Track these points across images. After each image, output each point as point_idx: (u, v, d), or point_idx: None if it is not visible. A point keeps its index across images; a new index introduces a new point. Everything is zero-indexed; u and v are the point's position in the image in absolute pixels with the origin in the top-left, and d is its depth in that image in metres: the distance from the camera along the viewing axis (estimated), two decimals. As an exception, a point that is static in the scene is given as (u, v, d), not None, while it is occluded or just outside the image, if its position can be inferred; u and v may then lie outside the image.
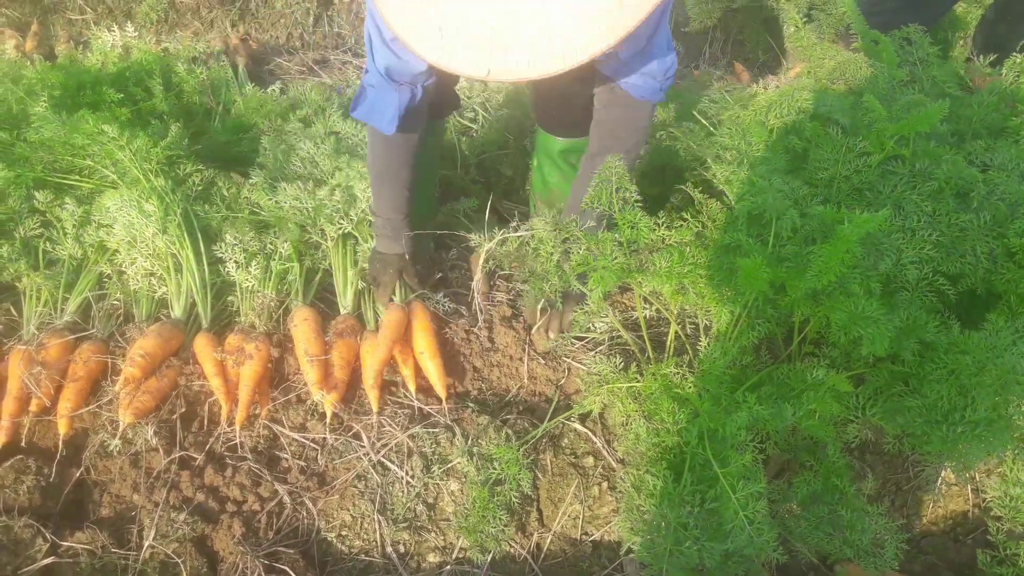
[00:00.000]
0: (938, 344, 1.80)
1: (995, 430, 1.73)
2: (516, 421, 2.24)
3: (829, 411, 1.75)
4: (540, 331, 2.45)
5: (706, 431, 1.83)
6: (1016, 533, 2.02)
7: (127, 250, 2.41)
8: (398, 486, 2.10)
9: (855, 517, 1.86)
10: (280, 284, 2.42)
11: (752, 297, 1.90)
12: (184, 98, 3.26)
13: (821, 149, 2.21)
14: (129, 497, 2.04)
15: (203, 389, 2.25)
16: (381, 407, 2.23)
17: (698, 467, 1.81)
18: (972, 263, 1.94)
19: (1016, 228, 1.92)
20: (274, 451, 2.17)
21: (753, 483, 1.68)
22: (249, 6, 4.54)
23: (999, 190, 2.04)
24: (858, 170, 2.14)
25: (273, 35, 4.52)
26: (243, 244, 2.43)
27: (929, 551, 2.16)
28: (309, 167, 2.68)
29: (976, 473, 2.23)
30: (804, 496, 1.90)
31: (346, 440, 2.18)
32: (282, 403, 2.24)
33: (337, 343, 2.25)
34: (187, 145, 2.77)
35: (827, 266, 1.70)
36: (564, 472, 2.17)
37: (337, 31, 4.60)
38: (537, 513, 2.13)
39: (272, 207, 2.52)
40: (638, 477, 1.86)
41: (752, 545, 1.65)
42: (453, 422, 2.21)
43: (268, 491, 2.07)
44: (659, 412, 1.92)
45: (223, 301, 2.45)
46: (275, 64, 4.21)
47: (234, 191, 2.66)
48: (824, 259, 1.71)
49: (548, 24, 1.36)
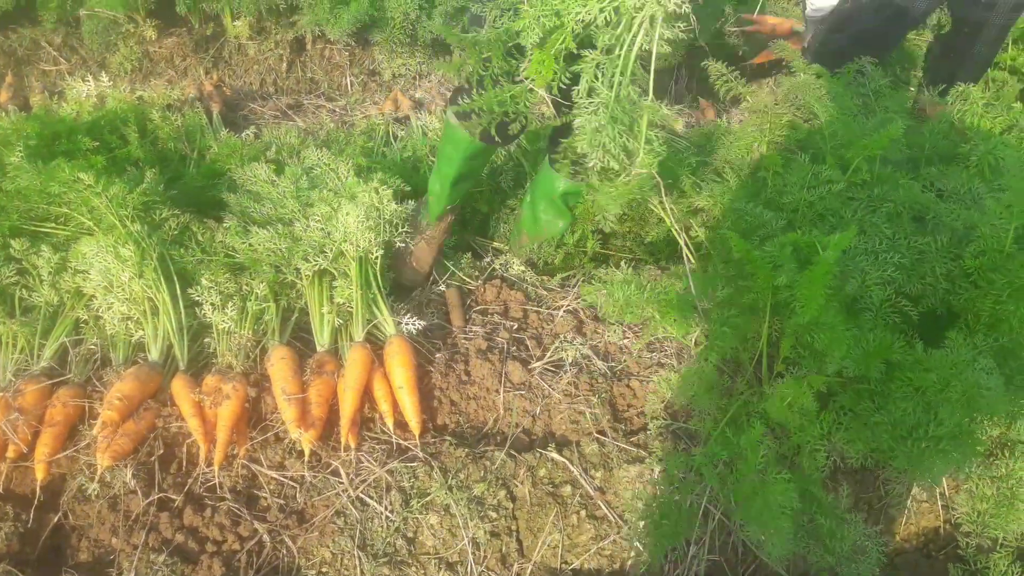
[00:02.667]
0: (904, 363, 1.86)
1: (958, 444, 1.79)
2: (494, 453, 2.27)
3: (806, 403, 1.81)
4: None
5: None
6: (985, 547, 2.07)
7: (103, 295, 2.42)
8: (377, 521, 2.12)
9: (835, 525, 1.90)
10: (256, 324, 2.45)
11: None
12: (159, 144, 3.31)
13: (789, 174, 2.29)
14: (108, 541, 2.04)
15: (181, 430, 2.26)
16: (359, 443, 2.25)
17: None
18: (932, 284, 2.02)
19: (971, 250, 2.00)
20: (253, 490, 2.18)
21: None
22: (223, 53, 4.61)
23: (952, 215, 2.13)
24: (822, 197, 2.22)
25: (247, 81, 4.59)
26: (219, 286, 2.45)
27: (903, 568, 2.21)
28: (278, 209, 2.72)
29: (946, 490, 2.28)
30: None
31: (324, 477, 2.19)
32: (260, 442, 2.25)
33: (314, 381, 2.28)
34: (163, 190, 2.80)
35: (812, 295, 1.77)
36: (543, 502, 2.19)
37: (310, 76, 4.68)
38: (517, 543, 2.15)
39: (246, 249, 2.55)
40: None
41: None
42: (431, 456, 2.24)
43: (248, 530, 2.08)
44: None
45: (200, 343, 2.47)
46: (249, 109, 4.27)
47: (209, 235, 2.69)
48: (807, 288, 1.77)
49: None
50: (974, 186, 2.23)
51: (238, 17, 4.52)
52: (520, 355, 2.56)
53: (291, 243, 2.52)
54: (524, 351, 2.59)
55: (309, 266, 2.47)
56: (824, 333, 1.80)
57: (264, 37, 4.62)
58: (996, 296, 1.88)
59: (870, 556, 1.88)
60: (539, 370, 2.52)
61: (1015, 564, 1.96)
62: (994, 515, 2.02)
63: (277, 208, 2.72)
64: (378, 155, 3.48)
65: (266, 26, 4.61)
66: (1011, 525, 1.98)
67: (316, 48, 4.69)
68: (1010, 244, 1.92)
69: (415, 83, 4.68)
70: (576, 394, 2.44)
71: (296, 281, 2.54)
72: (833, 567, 1.90)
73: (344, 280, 2.50)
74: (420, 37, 4.50)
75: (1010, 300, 1.86)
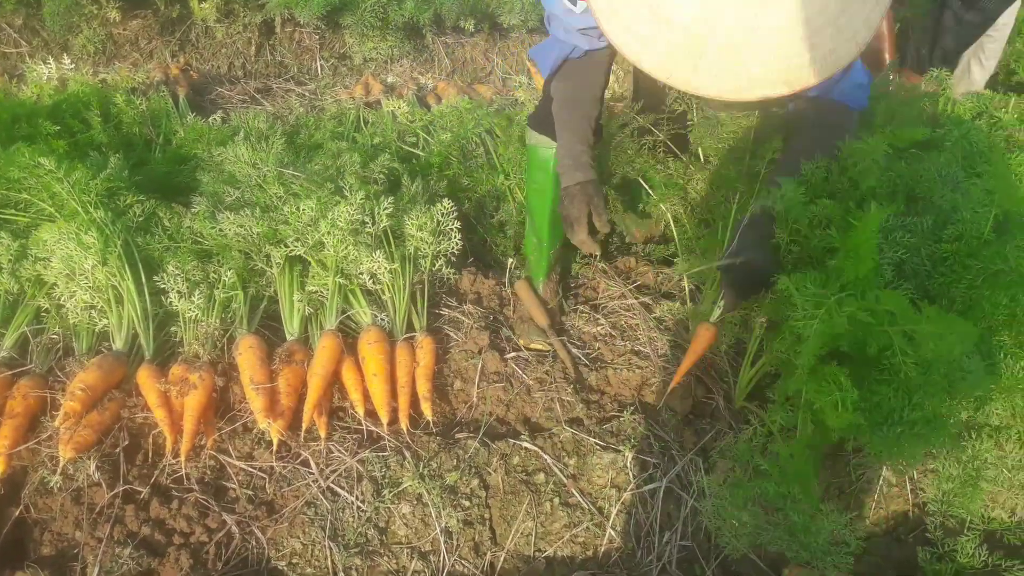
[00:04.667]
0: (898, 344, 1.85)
1: (933, 428, 1.80)
2: (467, 442, 2.25)
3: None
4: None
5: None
6: (952, 529, 2.09)
7: (66, 283, 2.36)
8: (348, 511, 2.09)
9: (807, 520, 1.90)
10: (224, 312, 2.40)
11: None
12: (123, 129, 3.23)
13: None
14: (71, 534, 1.99)
15: (147, 421, 2.21)
16: (329, 433, 2.22)
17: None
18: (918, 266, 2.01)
19: (948, 234, 2.00)
20: (221, 481, 2.15)
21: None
22: (189, 36, 4.53)
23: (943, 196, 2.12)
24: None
25: (215, 65, 4.51)
26: (186, 274, 2.40)
27: (873, 551, 2.22)
28: (257, 193, 2.67)
29: (915, 474, 2.30)
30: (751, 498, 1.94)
31: (294, 467, 2.16)
32: (228, 432, 2.21)
33: (283, 370, 2.24)
34: (127, 176, 2.74)
35: (862, 255, 1.75)
36: (516, 490, 2.18)
37: (279, 60, 4.61)
38: (490, 532, 2.13)
39: (215, 235, 2.50)
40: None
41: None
42: (403, 445, 2.21)
43: (216, 522, 2.04)
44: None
45: (166, 332, 2.41)
46: (216, 93, 4.20)
47: (176, 221, 2.63)
48: (854, 250, 1.75)
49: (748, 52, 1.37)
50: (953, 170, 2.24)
51: None
52: (496, 344, 2.54)
53: (269, 228, 2.47)
54: (500, 340, 2.57)
55: (282, 252, 2.42)
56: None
57: (232, 20, 4.54)
58: (971, 281, 1.88)
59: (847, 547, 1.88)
60: (514, 359, 2.50)
61: (982, 547, 1.98)
62: (959, 495, 2.03)
63: (256, 192, 2.67)
64: (348, 140, 3.43)
65: (234, 8, 4.53)
66: (974, 505, 1.99)
67: (285, 31, 4.62)
68: (988, 231, 1.93)
69: (387, 67, 4.63)
70: (550, 382, 2.43)
71: (266, 268, 2.49)
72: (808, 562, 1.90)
73: (321, 268, 2.46)
74: (392, 21, 4.45)
75: (984, 286, 1.87)
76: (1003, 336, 1.94)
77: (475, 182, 3.20)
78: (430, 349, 2.40)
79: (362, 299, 2.46)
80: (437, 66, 4.75)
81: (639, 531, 2.15)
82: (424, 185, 2.90)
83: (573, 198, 2.33)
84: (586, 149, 2.33)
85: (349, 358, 2.32)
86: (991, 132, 2.50)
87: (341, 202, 2.48)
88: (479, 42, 4.87)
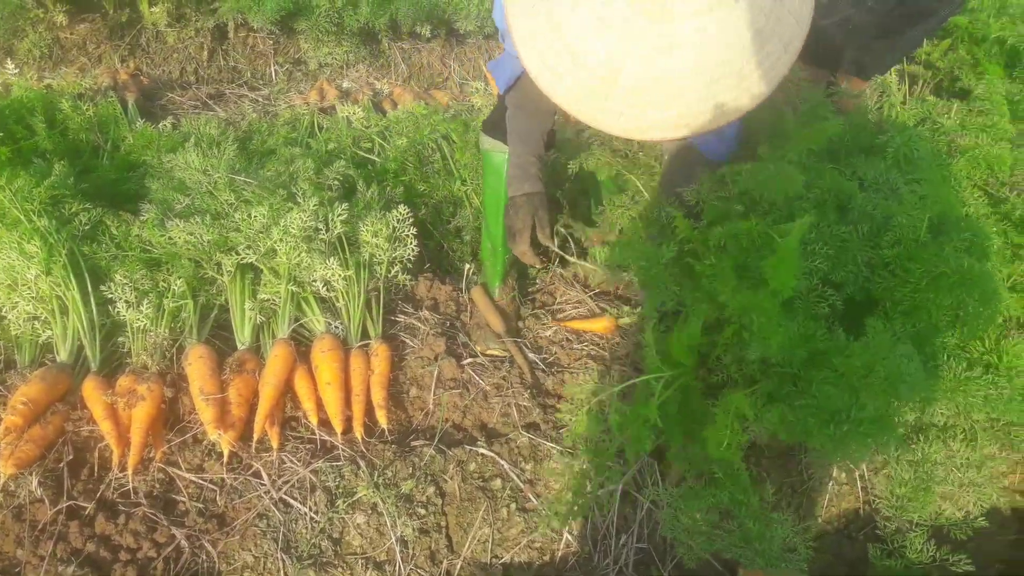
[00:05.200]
0: (827, 350, 1.89)
1: (878, 428, 1.83)
2: (423, 449, 2.24)
3: (736, 439, 1.82)
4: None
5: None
6: (902, 528, 2.13)
7: (7, 294, 2.30)
8: (302, 523, 2.06)
9: (761, 527, 1.92)
10: (173, 322, 2.36)
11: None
12: (70, 136, 3.16)
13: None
14: (12, 552, 1.93)
15: (93, 435, 2.16)
16: (282, 443, 2.19)
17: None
18: (854, 272, 2.05)
19: (887, 239, 2.04)
20: (170, 494, 2.10)
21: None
22: (140, 41, 4.44)
23: (872, 204, 2.16)
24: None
25: (166, 70, 4.43)
26: (134, 283, 2.35)
27: (825, 549, 2.25)
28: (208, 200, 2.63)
29: (865, 472, 2.34)
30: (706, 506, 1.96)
31: (246, 479, 2.12)
32: (178, 444, 2.17)
33: (234, 380, 2.20)
34: (73, 183, 2.68)
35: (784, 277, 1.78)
36: (472, 497, 2.17)
37: (233, 65, 4.55)
38: (446, 540, 2.12)
39: (164, 243, 2.45)
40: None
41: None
42: (357, 454, 2.19)
43: (165, 536, 2.00)
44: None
45: (113, 342, 2.36)
46: (167, 99, 4.12)
47: (124, 229, 2.57)
48: (777, 271, 1.78)
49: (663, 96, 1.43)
50: (891, 176, 2.28)
51: (155, 3, 4.35)
52: (453, 350, 2.53)
53: (219, 236, 2.43)
54: (457, 346, 2.56)
55: (233, 260, 2.38)
56: (760, 317, 1.81)
57: (184, 24, 4.46)
58: (914, 285, 1.92)
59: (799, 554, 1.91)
60: (471, 364, 2.50)
61: (930, 542, 2.02)
62: (911, 499, 2.07)
63: (206, 199, 2.62)
64: (302, 146, 3.40)
65: (185, 13, 4.45)
66: (927, 508, 2.04)
67: (239, 36, 4.56)
68: (924, 233, 1.97)
69: (342, 72, 4.59)
70: (507, 387, 2.43)
71: (216, 277, 2.45)
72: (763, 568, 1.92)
73: (273, 276, 2.43)
74: (347, 26, 4.41)
75: (928, 289, 1.90)
76: (947, 337, 1.98)
77: (432, 188, 3.19)
78: (385, 356, 2.38)
79: (315, 307, 2.43)
80: (393, 71, 4.73)
81: (596, 535, 2.16)
82: (380, 191, 2.88)
83: (518, 209, 2.34)
84: (535, 160, 2.34)
85: (302, 367, 2.29)
86: (934, 138, 2.55)
87: (294, 208, 2.45)
88: (435, 48, 4.86)
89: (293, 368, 2.26)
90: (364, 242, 2.57)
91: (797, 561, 1.91)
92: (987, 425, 2.08)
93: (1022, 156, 2.29)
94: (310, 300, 2.44)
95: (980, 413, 2.01)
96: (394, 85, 4.50)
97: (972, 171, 2.30)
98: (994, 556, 2.14)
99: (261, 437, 2.16)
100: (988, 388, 1.94)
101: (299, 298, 2.44)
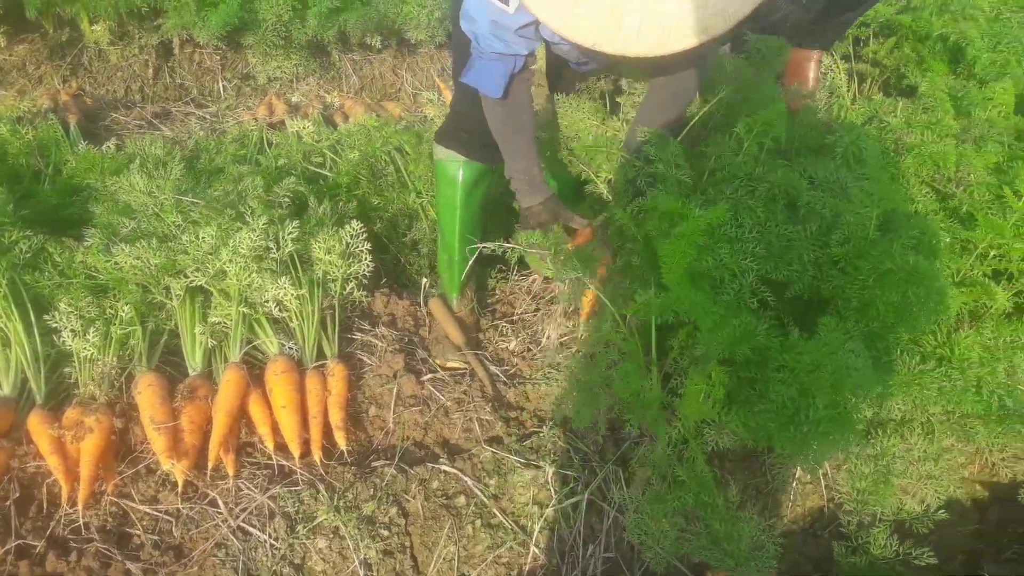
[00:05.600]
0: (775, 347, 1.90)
1: (837, 426, 1.84)
2: (384, 469, 2.20)
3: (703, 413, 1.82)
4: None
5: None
6: (865, 523, 2.14)
7: (-56, 327, 2.22)
8: (261, 550, 2.01)
9: (728, 528, 1.92)
10: (122, 349, 2.29)
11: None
12: (9, 160, 3.06)
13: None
14: (-43, 599, 1.86)
15: (40, 470, 2.09)
16: (238, 470, 2.14)
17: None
18: (799, 271, 2.06)
19: (836, 237, 2.06)
20: (124, 528, 2.04)
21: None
22: (82, 60, 4.34)
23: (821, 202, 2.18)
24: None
25: (110, 89, 4.33)
26: (79, 311, 2.28)
27: (791, 549, 2.26)
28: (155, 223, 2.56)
29: (828, 470, 2.35)
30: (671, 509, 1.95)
31: (202, 508, 2.07)
32: (130, 476, 2.10)
33: (186, 407, 2.14)
34: (12, 210, 2.60)
35: (674, 261, 1.79)
36: (436, 515, 2.14)
37: (180, 82, 4.46)
38: (411, 560, 2.08)
39: (110, 268, 2.38)
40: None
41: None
42: (316, 477, 2.14)
43: (119, 571, 1.93)
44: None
45: (59, 373, 2.28)
46: (111, 119, 4.03)
47: (67, 255, 2.50)
48: (670, 256, 1.79)
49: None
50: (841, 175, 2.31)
51: (96, 21, 4.25)
52: (412, 366, 2.49)
53: (167, 259, 2.37)
54: (416, 362, 2.53)
55: (182, 283, 2.32)
56: (688, 306, 1.82)
57: (127, 42, 4.37)
58: (863, 282, 1.94)
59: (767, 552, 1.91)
60: (431, 380, 2.46)
61: (892, 537, 2.04)
62: (872, 492, 2.08)
63: (153, 222, 2.56)
64: (251, 163, 3.34)
65: (129, 30, 4.36)
66: (887, 500, 2.05)
67: (185, 52, 4.48)
68: (873, 231, 1.99)
69: (292, 86, 4.53)
70: (468, 402, 2.40)
71: (165, 301, 2.39)
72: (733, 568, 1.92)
73: (223, 298, 2.37)
74: (295, 39, 4.35)
75: (876, 286, 1.92)
76: (900, 332, 2.00)
77: (386, 201, 3.16)
78: (342, 376, 2.34)
79: (268, 328, 2.38)
80: (345, 83, 4.68)
81: (563, 546, 2.14)
82: (332, 206, 2.84)
83: (539, 213, 2.35)
84: (538, 171, 2.34)
85: (256, 390, 2.24)
86: (881, 136, 2.59)
87: (243, 228, 2.40)
88: (387, 58, 4.81)
89: (247, 392, 2.21)
90: (317, 259, 2.53)
91: (766, 559, 1.91)
92: (944, 418, 2.10)
93: (966, 152, 2.32)
94: (262, 321, 2.39)
95: (936, 406, 2.03)
96: (345, 98, 4.45)
97: (919, 168, 2.34)
98: (956, 548, 2.17)
99: (216, 464, 2.11)
100: (942, 380, 1.97)
101: (251, 320, 2.39)
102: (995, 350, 2.01)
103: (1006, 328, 2.03)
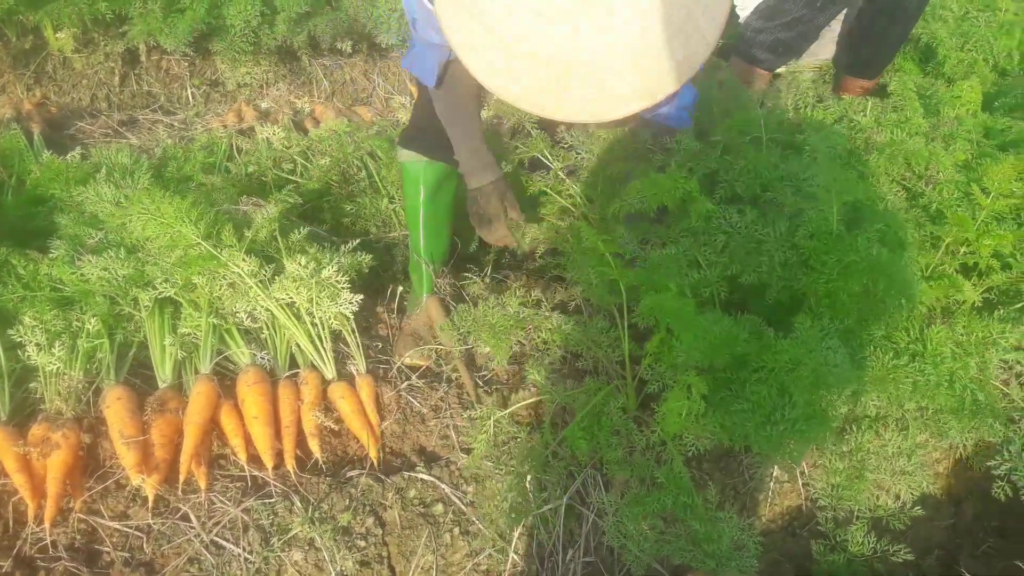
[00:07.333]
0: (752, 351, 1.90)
1: (813, 424, 1.85)
2: (359, 479, 2.17)
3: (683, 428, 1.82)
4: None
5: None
6: (841, 520, 2.15)
7: (-96, 344, 2.16)
8: (235, 564, 1.98)
9: (708, 528, 1.92)
10: (89, 363, 2.24)
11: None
12: (-30, 172, 3.00)
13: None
14: (-80, 623, 1.81)
15: (5, 488, 2.04)
16: (210, 483, 2.10)
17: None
18: (767, 271, 2.07)
19: (802, 234, 2.06)
20: (93, 545, 2.00)
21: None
22: (46, 68, 4.26)
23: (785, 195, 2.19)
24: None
25: (75, 97, 4.25)
26: (45, 324, 2.23)
27: (771, 548, 2.26)
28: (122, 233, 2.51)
29: (806, 469, 2.36)
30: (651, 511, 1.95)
31: (174, 523, 2.03)
32: (99, 492, 2.06)
33: (156, 420, 2.10)
34: (-27, 224, 2.54)
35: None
36: (414, 524, 2.11)
37: (147, 90, 4.40)
38: (389, 570, 2.06)
39: (76, 281, 2.34)
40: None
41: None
42: (290, 489, 2.11)
43: (89, 590, 1.90)
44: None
45: (24, 388, 2.23)
46: (77, 128, 3.96)
47: (32, 268, 2.44)
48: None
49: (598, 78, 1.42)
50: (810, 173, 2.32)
51: (60, 29, 4.17)
52: (387, 374, 2.47)
53: (135, 270, 2.32)
54: (391, 369, 2.50)
55: (151, 294, 2.28)
56: (669, 317, 1.82)
57: (92, 49, 4.30)
58: (828, 275, 1.95)
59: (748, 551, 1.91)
60: (407, 388, 2.44)
61: (870, 534, 2.05)
62: (846, 487, 2.09)
63: (120, 232, 2.50)
64: (221, 171, 3.29)
65: (94, 38, 4.29)
66: (862, 496, 2.06)
67: (152, 60, 4.42)
68: (836, 224, 2.00)
69: (261, 92, 4.48)
70: (445, 408, 2.38)
71: (134, 313, 2.34)
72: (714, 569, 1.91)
73: (193, 309, 2.33)
74: (264, 44, 4.30)
75: (839, 278, 1.94)
76: (874, 329, 2.01)
77: (358, 207, 3.13)
78: (315, 384, 2.30)
79: (239, 338, 2.35)
80: (316, 88, 4.64)
81: (542, 552, 2.12)
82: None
83: (488, 197, 2.32)
84: (486, 147, 2.32)
85: (228, 402, 2.20)
86: (852, 135, 2.61)
87: (217, 245, 2.36)
88: (358, 63, 4.78)
89: (218, 404, 2.17)
90: (294, 296, 2.48)
91: (747, 559, 1.91)
92: (918, 414, 2.11)
93: (936, 150, 2.34)
94: (233, 332, 2.35)
95: (911, 402, 2.04)
96: (316, 103, 4.41)
97: (890, 166, 2.35)
98: (932, 543, 2.18)
99: (188, 478, 2.07)
100: (916, 375, 1.98)
101: (222, 330, 2.35)
102: (967, 345, 2.02)
103: (977, 323, 2.04)
